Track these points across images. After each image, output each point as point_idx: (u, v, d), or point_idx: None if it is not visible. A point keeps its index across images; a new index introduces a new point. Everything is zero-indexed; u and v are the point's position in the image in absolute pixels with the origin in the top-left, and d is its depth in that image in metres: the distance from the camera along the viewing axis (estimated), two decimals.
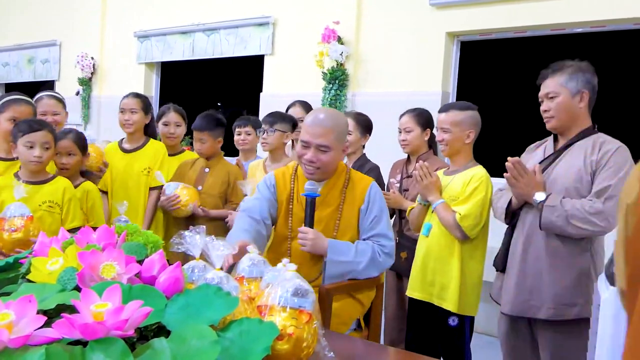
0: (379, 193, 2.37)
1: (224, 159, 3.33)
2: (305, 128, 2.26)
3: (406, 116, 3.10)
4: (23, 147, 2.50)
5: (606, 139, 2.25)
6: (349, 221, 2.32)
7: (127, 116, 3.29)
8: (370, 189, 2.34)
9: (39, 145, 2.50)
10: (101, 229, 1.48)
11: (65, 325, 1.02)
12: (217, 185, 3.18)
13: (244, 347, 1.17)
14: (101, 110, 7.04)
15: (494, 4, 4.41)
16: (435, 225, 2.65)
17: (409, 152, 3.14)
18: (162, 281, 1.29)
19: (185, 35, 6.41)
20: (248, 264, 1.60)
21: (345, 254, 2.23)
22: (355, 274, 2.24)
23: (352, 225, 2.33)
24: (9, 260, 1.48)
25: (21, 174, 2.57)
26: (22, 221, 2.31)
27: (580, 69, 2.29)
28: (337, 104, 5.04)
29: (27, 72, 8.08)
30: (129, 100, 3.32)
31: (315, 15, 5.30)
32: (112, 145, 3.43)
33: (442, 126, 2.63)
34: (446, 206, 2.58)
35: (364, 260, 2.23)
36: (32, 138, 2.49)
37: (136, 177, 3.29)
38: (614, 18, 3.96)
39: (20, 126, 2.53)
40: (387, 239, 2.30)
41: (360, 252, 2.24)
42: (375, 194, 2.34)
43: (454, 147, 2.63)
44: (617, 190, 2.11)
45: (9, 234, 2.29)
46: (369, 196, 2.33)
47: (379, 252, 2.27)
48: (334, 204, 2.33)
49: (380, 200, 2.36)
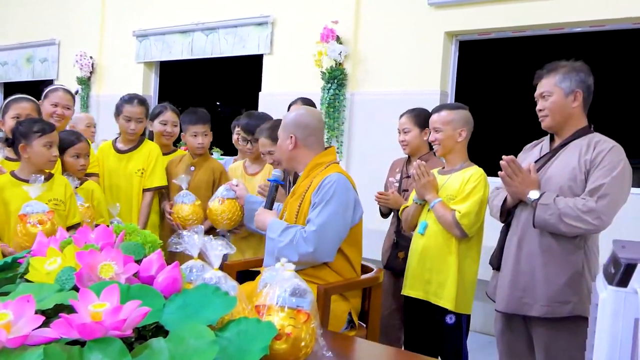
0: (334, 184, 2.34)
1: (209, 156, 3.34)
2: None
3: (405, 117, 3.11)
4: (42, 147, 2.52)
5: (601, 139, 2.25)
6: (306, 209, 2.41)
7: (134, 125, 3.21)
8: (325, 178, 2.37)
9: (55, 145, 2.57)
10: (99, 229, 1.48)
11: (64, 325, 1.02)
12: (203, 183, 3.20)
13: (242, 347, 1.17)
14: (100, 109, 7.03)
15: (493, 3, 4.41)
16: (432, 223, 2.66)
17: (409, 152, 3.14)
18: (160, 281, 1.29)
19: (184, 34, 6.40)
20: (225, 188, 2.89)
21: (274, 232, 2.39)
22: (279, 255, 2.24)
23: (307, 211, 2.41)
24: (7, 259, 1.48)
25: (20, 173, 2.56)
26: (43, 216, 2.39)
27: (574, 68, 2.29)
28: (335, 103, 5.04)
29: (26, 71, 8.07)
30: (136, 108, 3.22)
31: (314, 15, 5.30)
32: (106, 145, 3.38)
33: (434, 126, 2.70)
34: (444, 205, 2.60)
35: (285, 240, 2.34)
36: (50, 138, 2.55)
37: (129, 178, 3.25)
38: (613, 18, 3.96)
39: (34, 126, 2.53)
40: (310, 224, 2.32)
41: (286, 233, 2.36)
42: (327, 183, 2.35)
43: (447, 146, 2.68)
44: (610, 189, 2.12)
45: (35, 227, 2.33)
46: (320, 184, 2.37)
47: (298, 236, 2.32)
48: (300, 191, 2.47)
49: (327, 191, 2.33)
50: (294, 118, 2.53)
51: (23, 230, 2.35)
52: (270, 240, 2.40)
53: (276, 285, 1.43)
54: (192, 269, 1.45)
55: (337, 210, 2.32)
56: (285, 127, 2.53)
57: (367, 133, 4.92)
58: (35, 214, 2.38)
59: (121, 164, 3.27)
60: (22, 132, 2.53)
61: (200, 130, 3.18)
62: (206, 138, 3.22)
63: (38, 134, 2.50)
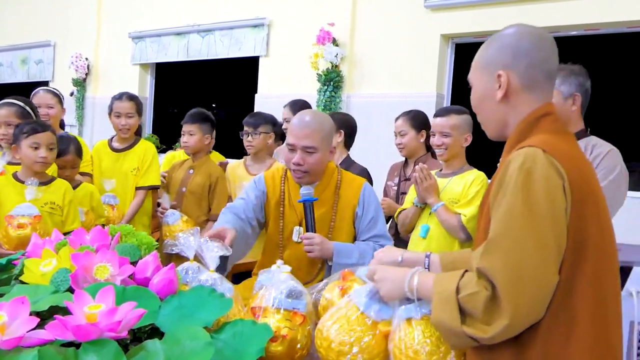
0: (373, 193, 2.36)
1: (210, 160, 3.31)
2: (291, 131, 2.21)
3: (401, 119, 3.10)
4: (28, 148, 2.50)
5: (598, 142, 2.26)
6: (343, 221, 2.29)
7: (124, 121, 3.21)
8: (364, 190, 2.31)
9: (44, 146, 2.50)
10: (95, 230, 1.48)
11: (58, 326, 1.02)
12: (200, 187, 3.16)
13: (237, 349, 1.17)
14: (95, 111, 7.02)
15: (489, 6, 4.43)
16: (435, 227, 2.65)
17: (406, 155, 3.13)
18: (155, 283, 1.28)
19: (180, 36, 6.40)
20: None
21: (350, 257, 2.19)
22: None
23: (346, 225, 2.30)
24: (1, 261, 1.47)
25: (21, 175, 2.56)
26: (29, 220, 2.35)
27: (573, 72, 2.30)
28: (331, 105, 5.04)
29: (21, 73, 8.05)
30: (124, 103, 3.23)
31: (310, 17, 5.31)
32: (102, 144, 3.36)
33: (443, 130, 2.62)
34: (447, 208, 2.58)
35: (367, 262, 2.14)
36: (38, 139, 2.49)
37: (125, 177, 3.23)
38: (608, 21, 3.99)
39: (24, 127, 2.52)
40: (386, 239, 2.29)
41: (363, 253, 2.22)
42: (369, 194, 2.33)
43: (454, 151, 2.64)
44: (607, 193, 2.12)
45: (15, 230, 2.31)
46: (363, 197, 2.30)
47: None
48: (327, 204, 2.30)
49: (375, 201, 2.34)
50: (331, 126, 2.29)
51: (3, 232, 2.36)
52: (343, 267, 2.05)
53: (272, 287, 1.43)
54: (187, 270, 1.45)
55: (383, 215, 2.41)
56: (329, 137, 2.26)
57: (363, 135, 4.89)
58: (20, 216, 2.35)
59: (117, 163, 3.26)
60: (15, 133, 2.54)
61: (186, 129, 3.18)
62: (191, 138, 3.16)
63: (25, 135, 2.49)
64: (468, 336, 1.12)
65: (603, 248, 1.17)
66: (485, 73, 1.34)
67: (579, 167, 1.18)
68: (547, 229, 1.10)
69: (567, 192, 1.13)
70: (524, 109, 1.29)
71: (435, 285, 1.20)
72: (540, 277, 1.10)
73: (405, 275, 1.27)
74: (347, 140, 3.18)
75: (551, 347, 1.12)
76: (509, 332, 1.10)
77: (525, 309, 1.09)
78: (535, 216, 1.11)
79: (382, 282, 1.31)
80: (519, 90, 1.30)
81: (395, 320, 1.27)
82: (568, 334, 1.12)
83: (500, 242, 1.12)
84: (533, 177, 1.13)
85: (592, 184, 1.20)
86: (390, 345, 1.25)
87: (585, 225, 1.14)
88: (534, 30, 1.33)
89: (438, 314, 1.16)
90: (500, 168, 1.23)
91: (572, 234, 1.12)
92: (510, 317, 1.08)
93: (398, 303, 1.28)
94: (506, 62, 1.30)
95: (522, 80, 1.29)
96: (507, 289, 1.09)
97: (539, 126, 1.27)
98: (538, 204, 1.11)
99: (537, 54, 1.30)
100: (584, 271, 1.13)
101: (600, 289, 1.15)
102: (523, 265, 1.09)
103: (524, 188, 1.12)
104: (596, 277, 1.14)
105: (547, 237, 1.10)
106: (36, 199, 2.43)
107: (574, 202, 1.13)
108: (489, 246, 1.14)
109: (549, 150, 1.15)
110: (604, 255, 1.16)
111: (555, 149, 1.16)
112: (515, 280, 1.09)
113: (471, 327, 1.11)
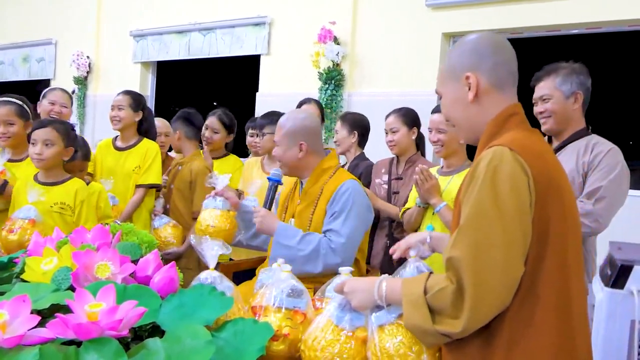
0: (351, 192, 2.30)
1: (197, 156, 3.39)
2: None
3: (392, 116, 3.07)
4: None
5: (599, 141, 2.25)
6: (320, 217, 2.31)
7: (115, 112, 3.30)
8: (340, 187, 2.30)
9: (40, 142, 2.50)
10: (96, 229, 1.48)
11: (59, 325, 1.02)
12: (182, 183, 3.28)
13: (238, 348, 1.17)
14: (96, 109, 7.02)
15: (490, 5, 4.42)
16: (438, 227, 2.62)
17: (397, 152, 3.09)
18: (156, 281, 1.29)
19: (181, 34, 6.39)
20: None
21: (290, 239, 2.22)
22: (297, 264, 2.11)
23: (322, 220, 2.31)
24: (3, 259, 1.48)
25: (39, 175, 2.58)
26: (22, 223, 2.32)
27: (574, 70, 2.29)
28: (333, 104, 5.04)
29: (22, 71, 8.04)
30: (119, 96, 3.34)
31: (311, 16, 5.30)
32: (106, 142, 3.40)
33: (438, 127, 2.60)
34: (450, 209, 2.56)
35: (307, 249, 2.20)
36: (35, 135, 2.52)
37: (127, 176, 3.24)
38: (609, 20, 3.98)
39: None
40: (337, 235, 2.23)
41: (306, 241, 2.22)
42: (344, 191, 2.29)
43: (451, 148, 2.61)
44: (608, 192, 2.12)
45: (7, 234, 2.31)
46: (336, 193, 2.29)
47: (324, 246, 2.21)
48: (310, 199, 2.35)
49: (347, 199, 2.28)
50: (301, 124, 2.36)
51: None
52: (284, 247, 2.21)
53: (273, 286, 1.43)
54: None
55: (359, 220, 2.29)
56: (292, 134, 2.35)
57: None
58: (17, 219, 2.35)
59: (119, 161, 3.28)
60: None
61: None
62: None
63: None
64: (441, 334, 1.17)
65: (566, 239, 1.22)
66: (452, 79, 1.39)
67: (543, 163, 1.23)
68: (513, 222, 1.16)
69: (532, 188, 1.18)
70: (494, 109, 1.34)
71: (404, 289, 1.25)
72: (506, 268, 1.15)
73: (373, 283, 1.32)
74: (361, 140, 3.35)
75: (515, 332, 1.18)
76: (476, 321, 1.16)
77: (489, 299, 1.15)
78: (502, 210, 1.17)
79: (352, 293, 1.34)
80: (489, 89, 1.35)
81: (369, 329, 1.31)
82: (531, 318, 1.18)
83: (468, 233, 1.18)
84: (500, 174, 1.19)
85: (557, 179, 1.25)
86: (368, 352, 1.29)
87: (548, 218, 1.19)
88: (492, 35, 1.40)
89: (409, 317, 1.21)
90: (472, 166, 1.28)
91: (536, 227, 1.18)
92: (474, 307, 1.13)
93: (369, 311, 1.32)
94: (472, 65, 1.35)
95: (490, 80, 1.34)
96: (471, 279, 1.14)
97: (506, 126, 1.32)
98: (504, 199, 1.17)
99: (500, 54, 1.36)
100: (548, 261, 1.19)
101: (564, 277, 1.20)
102: (489, 256, 1.15)
103: (491, 184, 1.18)
104: (560, 266, 1.20)
105: (513, 230, 1.16)
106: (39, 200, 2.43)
107: (538, 197, 1.18)
108: (458, 237, 1.20)
109: (515, 148, 1.21)
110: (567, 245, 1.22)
111: (522, 147, 1.22)
112: (480, 269, 1.15)
113: (442, 324, 1.17)
